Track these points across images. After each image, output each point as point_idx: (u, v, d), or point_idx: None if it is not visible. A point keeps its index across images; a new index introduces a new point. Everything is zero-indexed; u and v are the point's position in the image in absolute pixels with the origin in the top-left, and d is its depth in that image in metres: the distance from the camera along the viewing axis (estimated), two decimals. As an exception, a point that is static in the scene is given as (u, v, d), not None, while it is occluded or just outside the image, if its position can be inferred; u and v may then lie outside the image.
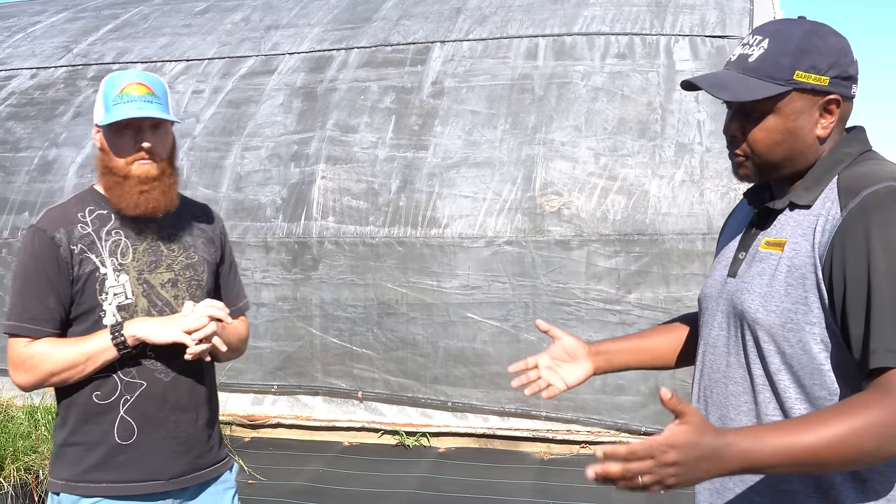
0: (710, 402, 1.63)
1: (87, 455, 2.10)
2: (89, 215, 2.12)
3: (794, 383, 1.48)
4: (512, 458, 4.89)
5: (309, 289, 5.24)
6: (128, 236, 2.13)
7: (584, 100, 5.25)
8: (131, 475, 2.11)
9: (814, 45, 1.49)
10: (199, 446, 2.20)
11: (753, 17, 5.61)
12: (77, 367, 2.03)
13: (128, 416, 2.09)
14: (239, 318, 2.37)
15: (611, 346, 1.91)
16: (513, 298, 4.94)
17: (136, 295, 2.11)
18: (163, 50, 6.69)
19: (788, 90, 1.49)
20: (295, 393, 5.31)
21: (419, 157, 5.28)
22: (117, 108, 2.03)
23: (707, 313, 1.69)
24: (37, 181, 5.86)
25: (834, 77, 1.49)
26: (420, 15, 6.37)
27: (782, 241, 1.52)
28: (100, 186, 2.17)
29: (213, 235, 2.29)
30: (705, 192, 4.78)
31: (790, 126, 1.51)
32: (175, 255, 2.18)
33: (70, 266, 2.06)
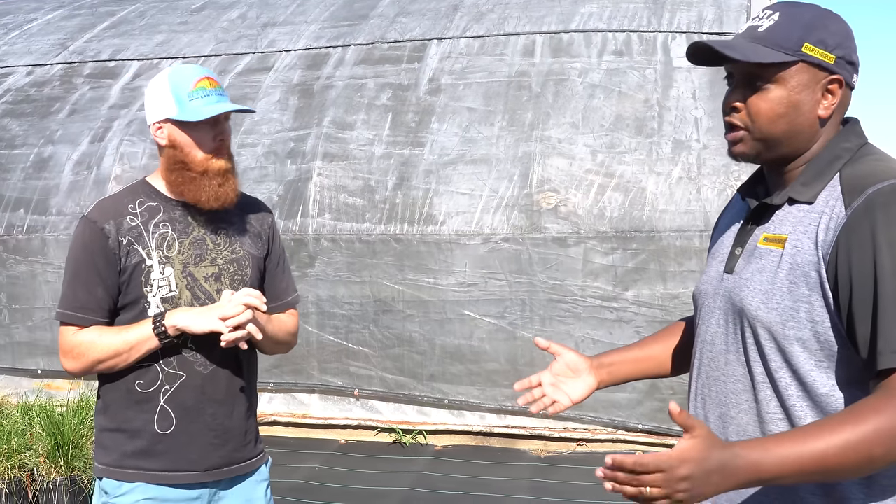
0: (709, 399, 1.61)
1: (127, 442, 2.15)
2: (139, 207, 2.16)
3: (796, 381, 1.47)
4: (509, 455, 4.89)
5: (305, 286, 5.22)
6: (175, 229, 2.16)
7: (582, 97, 5.24)
8: (169, 464, 2.14)
9: (823, 23, 1.49)
10: (235, 439, 2.21)
11: (750, 13, 5.60)
12: (122, 355, 2.08)
13: (167, 406, 2.13)
14: (287, 311, 2.36)
15: (613, 358, 1.89)
16: (510, 295, 4.93)
17: (181, 288, 2.14)
18: (159, 47, 6.67)
19: (796, 60, 1.47)
20: (291, 391, 5.30)
21: (416, 154, 5.27)
22: (199, 104, 2.08)
23: (704, 310, 1.66)
24: (32, 178, 5.84)
25: (839, 57, 1.49)
26: (417, 12, 6.35)
27: (783, 237, 1.50)
28: (156, 179, 2.20)
29: (261, 230, 2.31)
30: (702, 188, 4.77)
31: (794, 99, 1.49)
32: (220, 249, 2.20)
33: (118, 257, 2.11)
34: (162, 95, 2.11)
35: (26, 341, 5.63)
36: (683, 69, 5.20)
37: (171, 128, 2.11)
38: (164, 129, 2.12)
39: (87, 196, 5.64)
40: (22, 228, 5.65)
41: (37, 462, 4.06)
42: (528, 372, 4.89)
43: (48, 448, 3.98)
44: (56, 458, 3.98)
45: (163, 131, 2.12)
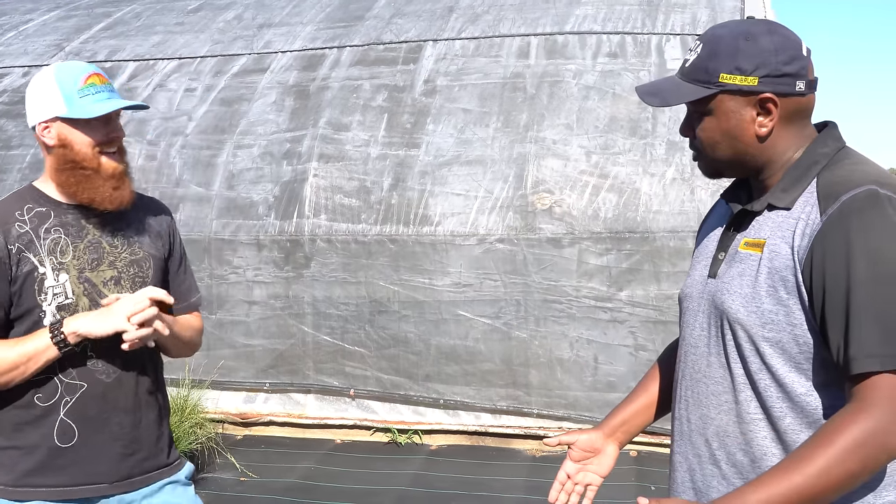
0: (692, 401, 1.64)
1: (25, 459, 2.04)
2: (27, 213, 2.05)
3: (775, 382, 1.50)
4: (504, 455, 4.91)
5: (301, 287, 5.24)
6: (68, 234, 2.06)
7: (576, 98, 5.27)
8: (72, 479, 2.05)
9: (739, 48, 1.51)
10: (146, 448, 2.14)
11: (744, 15, 5.63)
12: (18, 367, 1.96)
13: (67, 419, 2.03)
14: (191, 313, 2.31)
15: (623, 416, 1.90)
16: (504, 296, 4.96)
17: (77, 294, 2.04)
18: (155, 48, 6.68)
19: (714, 92, 1.53)
20: (287, 391, 5.32)
21: (411, 155, 5.29)
22: (89, 100, 1.99)
23: (688, 313, 1.70)
24: (28, 179, 5.83)
25: (763, 76, 1.51)
26: (412, 13, 6.38)
27: (761, 241, 1.53)
28: (44, 184, 2.10)
29: (160, 230, 2.23)
30: (696, 189, 4.80)
31: (724, 127, 1.55)
32: (118, 251, 2.11)
33: (8, 266, 1.99)
34: (48, 93, 2.00)
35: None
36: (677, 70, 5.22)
37: (61, 126, 2.00)
38: (52, 128, 2.00)
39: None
40: (18, 229, 5.66)
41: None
42: (523, 372, 4.93)
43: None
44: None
45: (50, 131, 2.01)
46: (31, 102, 2.05)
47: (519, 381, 4.97)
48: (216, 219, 5.39)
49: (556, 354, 4.90)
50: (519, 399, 4.99)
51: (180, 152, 5.67)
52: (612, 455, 1.84)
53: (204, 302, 2.60)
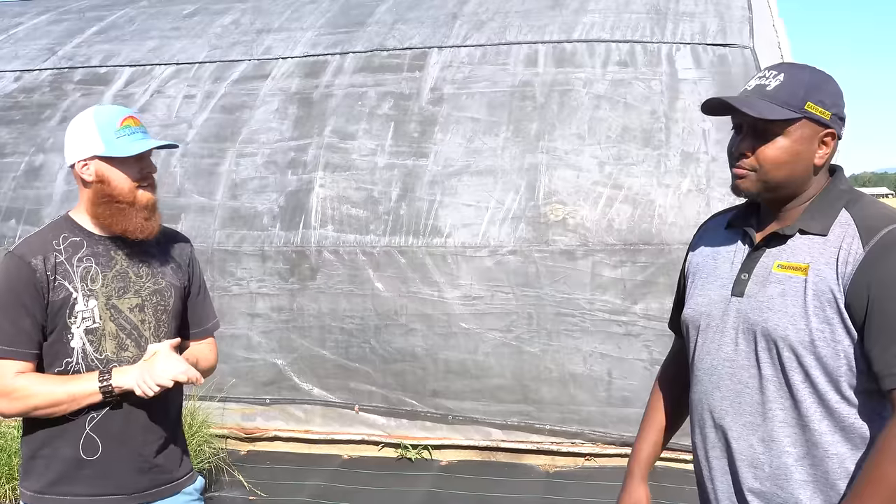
0: (730, 411, 1.79)
1: (53, 468, 2.21)
2: (63, 242, 2.22)
3: (815, 393, 1.69)
4: (516, 470, 4.82)
5: (306, 299, 5.12)
6: (98, 263, 2.23)
7: (587, 107, 5.19)
8: (95, 489, 2.21)
9: (822, 85, 1.74)
10: (163, 462, 2.31)
11: (753, 25, 5.59)
12: (62, 405, 2.14)
13: (93, 433, 2.20)
14: (207, 339, 2.50)
15: (647, 456, 2.12)
16: (516, 309, 4.87)
17: (104, 319, 2.21)
18: (151, 53, 6.54)
19: (801, 116, 1.71)
20: (291, 406, 5.20)
21: (420, 165, 5.20)
22: (126, 140, 2.19)
23: (711, 331, 1.84)
24: (23, 187, 5.69)
25: (834, 114, 1.74)
26: (415, 20, 6.28)
27: (803, 265, 1.71)
28: (79, 215, 2.27)
29: (181, 261, 2.41)
30: (711, 201, 4.73)
31: (796, 149, 1.72)
32: (143, 280, 2.29)
33: (45, 291, 2.16)
34: (87, 134, 2.19)
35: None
36: (689, 80, 5.17)
37: (99, 164, 2.19)
38: (91, 165, 2.20)
39: (80, 206, 5.50)
40: (13, 239, 5.50)
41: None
42: (535, 388, 4.85)
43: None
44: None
45: (89, 168, 2.20)
46: (70, 142, 2.24)
47: (530, 397, 4.89)
48: (219, 229, 5.26)
49: (569, 369, 4.82)
50: (530, 415, 4.90)
51: (181, 161, 5.54)
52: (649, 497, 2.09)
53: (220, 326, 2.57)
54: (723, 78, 5.14)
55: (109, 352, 2.22)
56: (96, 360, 2.20)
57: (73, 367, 2.19)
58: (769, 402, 1.73)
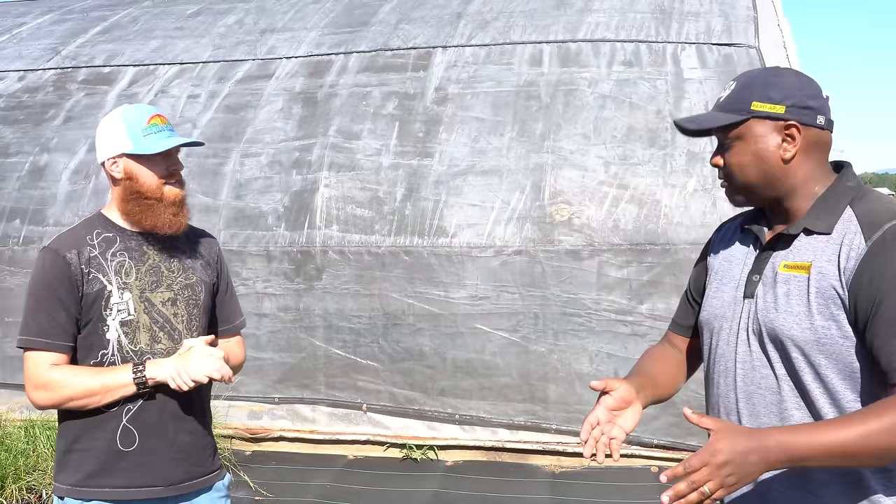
0: (745, 412, 1.79)
1: (90, 461, 2.24)
2: (96, 238, 2.28)
3: (827, 392, 1.68)
4: (522, 471, 4.82)
5: (312, 299, 5.12)
6: (131, 257, 2.28)
7: (592, 107, 5.19)
8: (132, 481, 2.24)
9: (769, 81, 1.75)
10: (196, 454, 2.34)
11: (758, 24, 5.58)
12: (96, 396, 2.17)
13: (130, 425, 2.23)
14: (235, 336, 2.53)
15: (644, 382, 1.95)
16: (522, 309, 4.86)
17: (138, 312, 2.25)
18: (155, 53, 6.54)
19: (746, 118, 1.74)
20: (297, 405, 5.19)
21: (425, 165, 5.19)
22: (153, 138, 2.23)
23: (724, 332, 1.84)
24: (28, 187, 5.69)
25: (790, 106, 1.72)
26: (419, 19, 6.28)
27: (806, 264, 1.70)
28: (110, 212, 2.33)
29: (210, 259, 2.46)
30: (717, 201, 4.73)
31: (754, 148, 1.74)
32: (175, 275, 2.33)
33: (80, 284, 2.21)
34: (116, 132, 2.25)
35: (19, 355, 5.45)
36: (695, 80, 5.16)
37: (127, 161, 2.25)
38: (119, 163, 2.25)
39: (85, 206, 5.50)
40: (18, 239, 5.50)
41: (43, 483, 3.93)
42: (541, 387, 4.84)
43: (57, 469, 3.85)
44: (65, 480, 3.84)
45: (118, 165, 2.25)
46: (100, 140, 2.29)
47: (537, 396, 4.88)
48: (224, 229, 5.26)
49: (576, 369, 4.81)
50: (537, 414, 4.90)
51: (185, 160, 5.48)
52: (637, 413, 1.87)
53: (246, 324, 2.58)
54: (728, 78, 5.12)
55: (143, 344, 2.25)
56: (131, 352, 2.24)
57: (108, 359, 2.23)
58: (784, 402, 1.73)
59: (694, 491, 1.49)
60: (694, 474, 1.49)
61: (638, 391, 1.87)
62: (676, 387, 2.05)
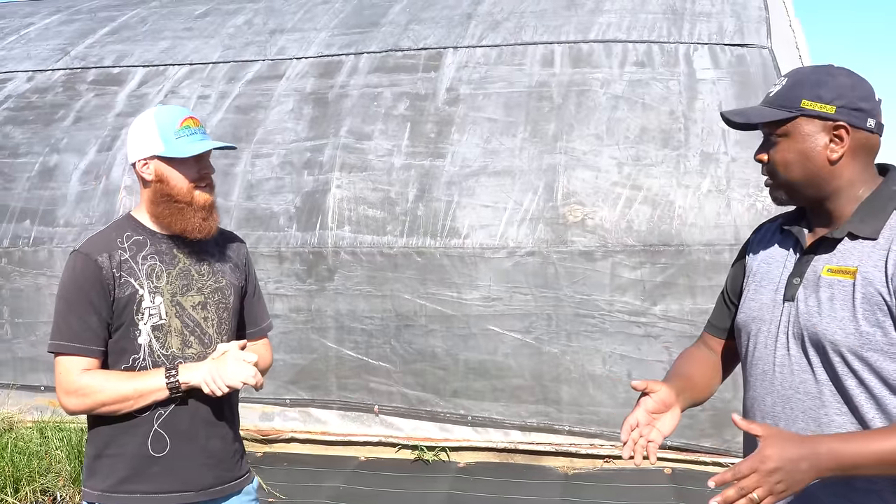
0: (782, 417, 1.77)
1: (121, 466, 2.21)
2: (126, 241, 2.25)
3: (871, 398, 1.65)
4: (534, 472, 4.80)
5: (324, 300, 5.11)
6: (162, 261, 2.26)
7: (605, 108, 5.17)
8: (164, 486, 2.22)
9: (821, 80, 1.72)
10: (226, 459, 2.33)
11: (770, 25, 5.57)
12: (129, 401, 2.15)
13: (161, 430, 2.21)
14: (262, 339, 2.52)
15: (682, 385, 1.93)
16: (535, 310, 4.85)
17: (170, 316, 2.23)
18: (164, 53, 6.52)
19: (795, 115, 1.71)
20: (309, 407, 5.18)
21: (437, 166, 5.18)
22: (185, 142, 2.21)
23: (762, 335, 1.82)
24: (38, 188, 5.68)
25: (840, 106, 1.69)
26: (430, 20, 6.27)
27: (851, 269, 1.68)
28: (140, 214, 2.31)
29: (238, 261, 2.45)
30: (732, 202, 4.71)
31: (800, 147, 1.72)
32: (205, 279, 2.32)
33: (112, 288, 2.18)
34: (148, 134, 2.22)
35: (29, 356, 5.45)
36: (708, 81, 5.15)
37: (158, 164, 2.22)
38: (151, 165, 2.23)
39: (95, 207, 5.49)
40: (28, 240, 5.49)
41: (57, 485, 3.91)
42: (554, 388, 4.83)
43: (71, 471, 3.84)
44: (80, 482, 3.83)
45: (149, 167, 2.23)
46: (132, 141, 2.27)
47: (550, 398, 4.87)
48: (235, 230, 5.19)
49: (589, 370, 4.80)
50: (549, 416, 4.88)
51: (196, 161, 5.51)
52: (676, 417, 1.86)
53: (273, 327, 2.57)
54: (741, 78, 5.12)
55: (175, 348, 2.23)
56: (163, 357, 2.22)
57: (139, 364, 2.20)
58: (825, 407, 1.71)
59: (742, 497, 1.48)
60: (743, 480, 1.48)
61: (678, 394, 1.86)
62: (712, 389, 2.03)
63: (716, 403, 4.64)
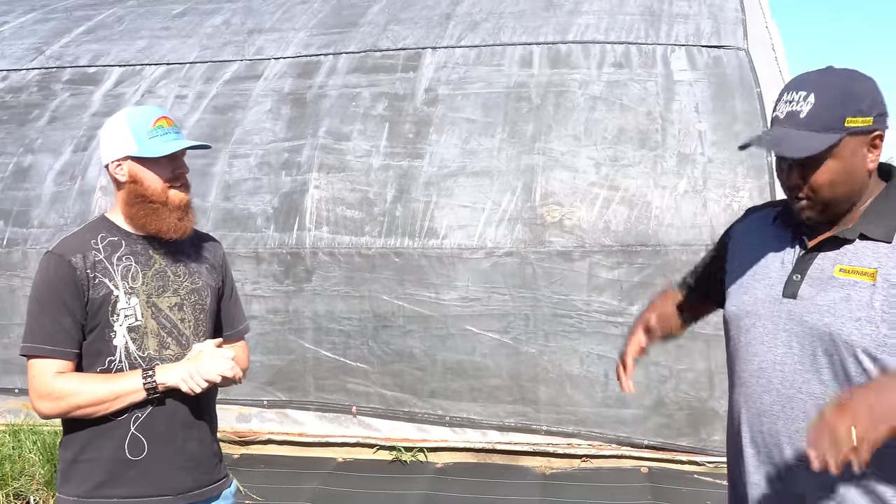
0: (781, 416, 1.74)
1: (97, 471, 2.18)
2: (101, 242, 2.23)
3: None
4: (512, 472, 4.80)
5: (301, 301, 5.08)
6: (138, 262, 2.24)
7: (583, 109, 5.19)
8: (141, 490, 2.19)
9: (855, 92, 1.66)
10: (204, 462, 2.30)
11: (746, 26, 5.61)
12: (104, 404, 2.12)
13: (138, 433, 2.18)
14: (239, 341, 2.50)
15: (655, 321, 2.08)
16: (513, 310, 4.85)
17: (146, 317, 2.21)
18: (141, 53, 6.48)
19: (843, 136, 1.64)
20: (286, 408, 5.16)
21: (415, 166, 5.17)
22: (158, 141, 2.19)
23: (758, 330, 1.78)
24: (12, 189, 5.62)
25: (876, 115, 1.67)
26: (408, 20, 6.26)
27: (870, 270, 1.65)
28: (115, 215, 2.28)
29: (215, 263, 2.43)
30: (708, 202, 4.74)
31: (847, 167, 1.66)
32: (181, 280, 2.30)
33: (86, 289, 2.15)
34: (121, 135, 2.20)
35: (3, 359, 5.38)
36: (685, 82, 5.17)
37: (131, 164, 2.20)
38: (124, 166, 2.21)
39: (70, 208, 5.44)
40: (2, 241, 5.43)
41: (32, 489, 3.87)
42: (531, 388, 4.83)
43: (45, 474, 3.80)
44: (54, 486, 3.79)
45: (122, 168, 2.21)
46: (105, 142, 2.26)
47: (527, 398, 4.87)
48: (212, 230, 5.20)
49: (566, 370, 4.81)
50: (527, 416, 4.88)
51: (173, 161, 5.47)
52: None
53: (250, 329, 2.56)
54: (718, 79, 5.15)
55: (152, 350, 2.21)
56: (139, 358, 2.19)
57: (115, 366, 2.17)
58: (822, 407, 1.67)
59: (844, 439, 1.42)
60: (837, 423, 1.43)
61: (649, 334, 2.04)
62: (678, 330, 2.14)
63: (692, 403, 4.67)
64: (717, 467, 4.64)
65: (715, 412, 4.62)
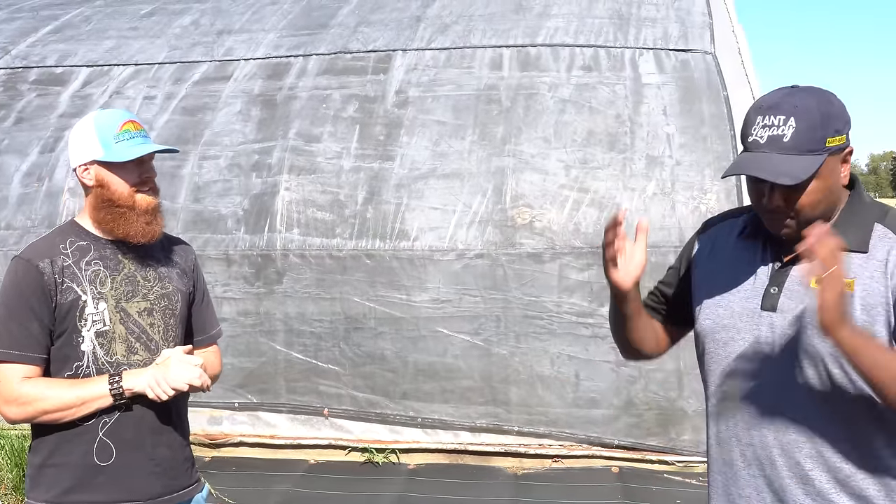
0: (770, 427, 1.74)
1: (65, 476, 2.17)
2: (70, 246, 2.22)
3: (867, 407, 1.66)
4: (484, 473, 4.83)
5: (272, 303, 5.08)
6: (106, 266, 2.23)
7: (553, 111, 5.23)
8: (110, 496, 2.18)
9: (832, 112, 1.69)
10: (174, 467, 2.28)
11: (713, 30, 5.68)
12: (71, 409, 2.12)
13: (106, 438, 2.17)
14: (211, 346, 2.48)
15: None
16: (484, 312, 4.88)
17: (114, 322, 2.20)
18: (109, 53, 6.42)
19: (826, 157, 1.68)
20: (257, 410, 5.14)
21: (386, 168, 5.18)
22: (125, 145, 2.19)
23: (736, 345, 1.79)
24: (-22, 191, 5.55)
25: (848, 132, 1.72)
26: (379, 22, 6.26)
27: (848, 280, 1.64)
28: (83, 220, 2.27)
29: (186, 267, 2.41)
30: (676, 204, 4.80)
31: (828, 184, 1.70)
32: (151, 285, 2.29)
33: (54, 294, 2.15)
34: (88, 139, 2.20)
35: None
36: (653, 85, 5.23)
37: (98, 169, 2.20)
38: (91, 170, 2.21)
39: (38, 209, 5.38)
40: (-33, 243, 5.36)
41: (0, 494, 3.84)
42: (503, 389, 4.86)
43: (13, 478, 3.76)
44: (22, 490, 3.76)
45: (89, 172, 2.21)
46: (72, 146, 2.25)
47: (499, 399, 4.90)
48: (182, 232, 5.17)
49: (537, 371, 4.84)
50: (499, 416, 4.91)
51: (142, 163, 5.43)
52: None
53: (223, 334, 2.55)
54: (686, 83, 5.21)
55: (120, 355, 2.20)
56: (107, 364, 2.18)
57: (83, 371, 2.17)
58: (816, 419, 1.70)
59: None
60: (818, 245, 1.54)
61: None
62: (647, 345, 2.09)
63: (661, 403, 4.72)
64: (686, 466, 4.70)
65: (684, 412, 4.68)
